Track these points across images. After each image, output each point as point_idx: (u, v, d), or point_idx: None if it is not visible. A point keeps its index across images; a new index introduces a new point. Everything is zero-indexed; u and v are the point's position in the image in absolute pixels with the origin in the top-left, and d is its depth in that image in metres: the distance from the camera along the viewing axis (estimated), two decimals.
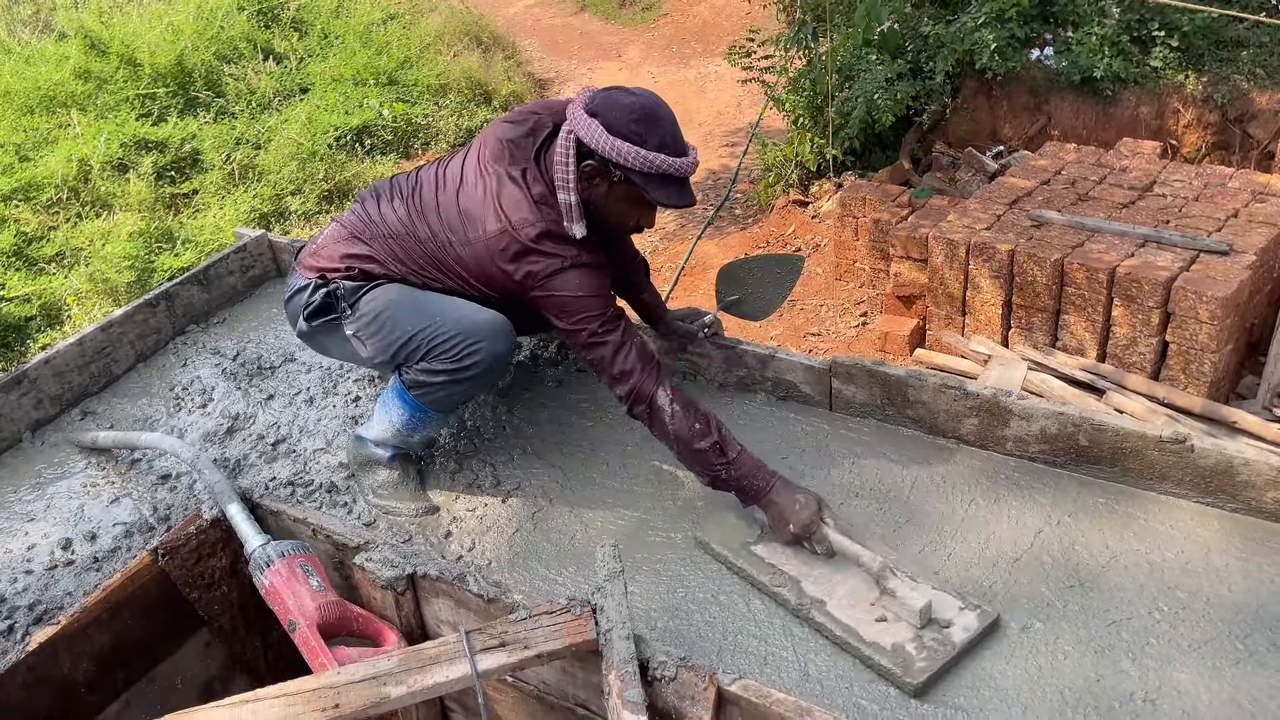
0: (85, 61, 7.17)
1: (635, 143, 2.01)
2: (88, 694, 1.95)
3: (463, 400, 2.25)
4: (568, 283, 2.09)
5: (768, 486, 2.05)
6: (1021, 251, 4.36)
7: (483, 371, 2.13)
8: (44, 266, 5.77)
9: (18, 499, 2.38)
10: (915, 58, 5.98)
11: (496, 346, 2.13)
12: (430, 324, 2.14)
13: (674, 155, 2.03)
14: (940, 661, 1.81)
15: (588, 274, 2.11)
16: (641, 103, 2.05)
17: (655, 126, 2.03)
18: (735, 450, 2.07)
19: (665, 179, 2.05)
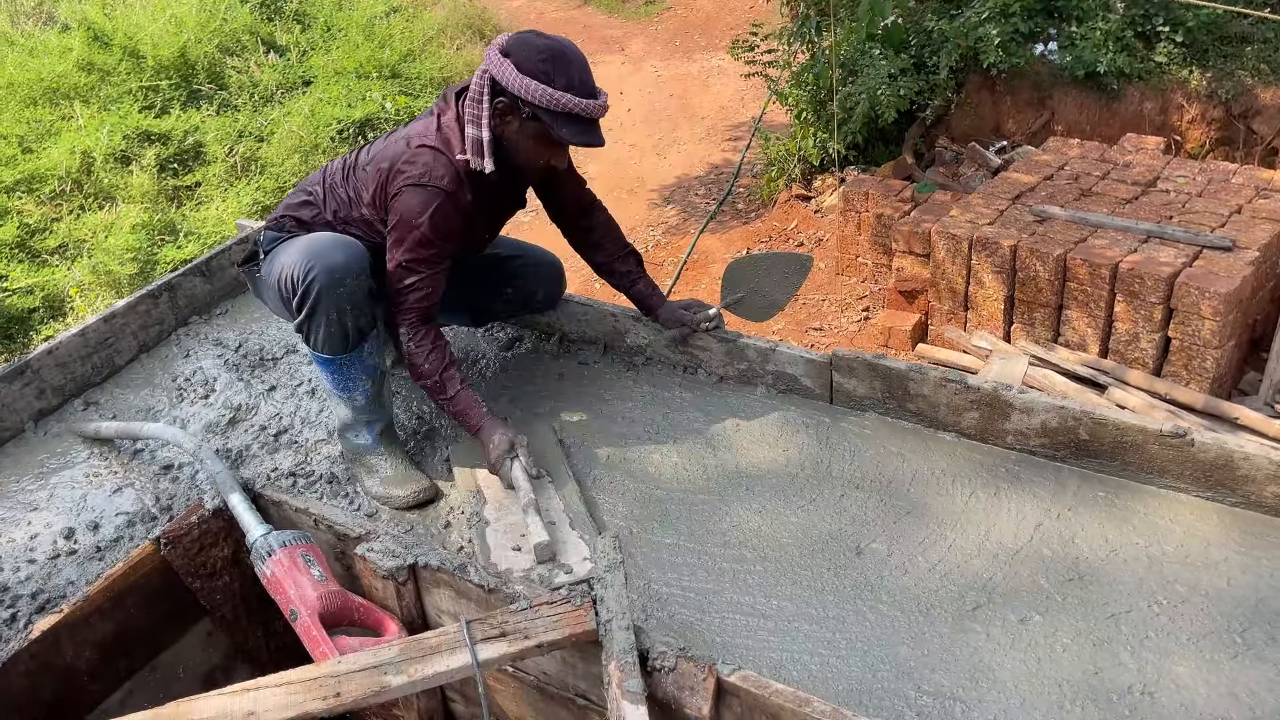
0: (88, 53, 7.17)
1: (543, 81, 2.10)
2: (90, 682, 1.96)
3: (340, 333, 2.20)
4: (424, 197, 2.18)
5: (478, 425, 2.29)
6: (1024, 247, 4.36)
7: (322, 287, 2.15)
8: (47, 258, 5.76)
9: (20, 489, 2.39)
10: (919, 52, 5.97)
11: (329, 259, 2.16)
12: (286, 259, 2.22)
13: (581, 96, 2.12)
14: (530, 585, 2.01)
15: (447, 205, 2.20)
16: (550, 44, 2.14)
17: (563, 67, 2.12)
18: (454, 389, 2.29)
19: (571, 118, 2.13)
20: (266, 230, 2.40)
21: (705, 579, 2.07)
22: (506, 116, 2.18)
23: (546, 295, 2.72)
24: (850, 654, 1.88)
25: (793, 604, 1.99)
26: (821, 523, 2.18)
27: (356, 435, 2.33)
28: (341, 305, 2.17)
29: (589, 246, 2.61)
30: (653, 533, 2.19)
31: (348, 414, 2.32)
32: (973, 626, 1.91)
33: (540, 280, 2.69)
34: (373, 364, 2.29)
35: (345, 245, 2.20)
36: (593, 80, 2.18)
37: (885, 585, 2.01)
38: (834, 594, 2.00)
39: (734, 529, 2.18)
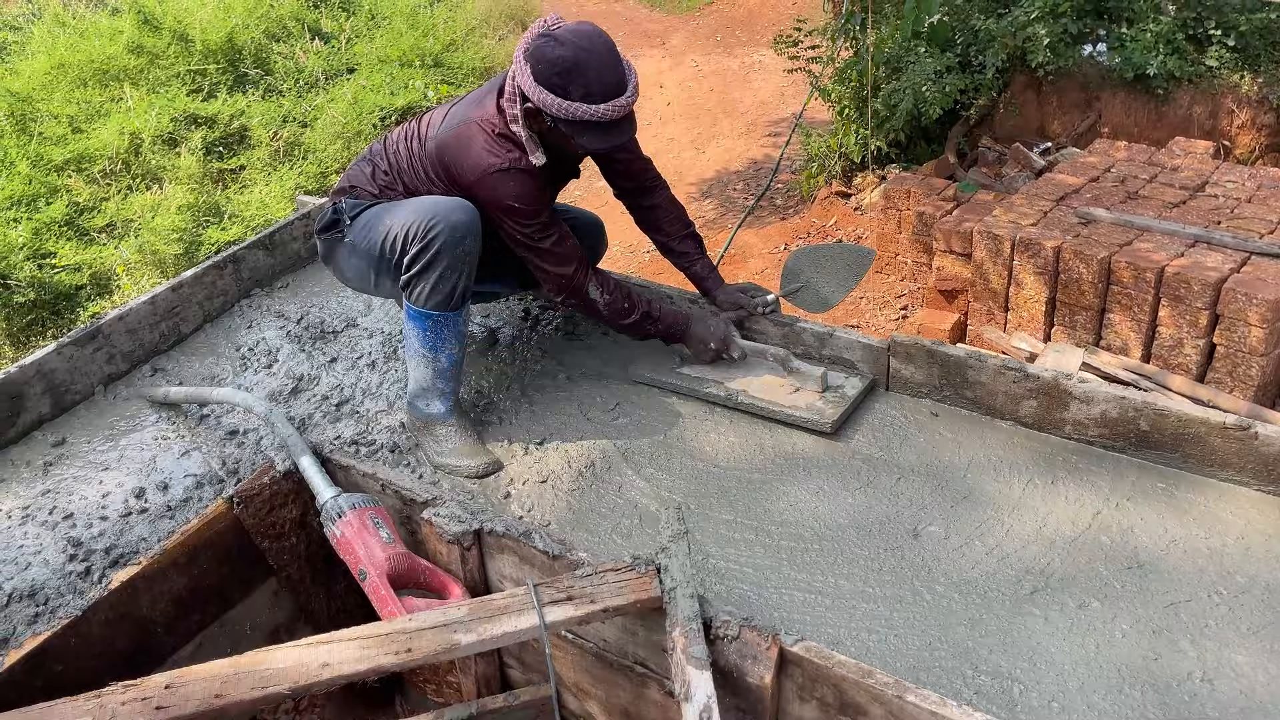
0: (138, 37, 7.27)
1: (559, 95, 2.15)
2: (164, 634, 2.01)
3: (450, 288, 2.29)
4: (507, 181, 2.28)
5: (686, 324, 2.53)
6: (1068, 248, 4.35)
7: (446, 243, 2.24)
8: (94, 236, 5.86)
9: (91, 449, 2.45)
10: (965, 51, 5.96)
11: (453, 217, 2.25)
12: (402, 217, 2.30)
13: (599, 101, 2.15)
14: (843, 408, 2.39)
15: (526, 180, 2.30)
16: (564, 55, 2.15)
17: (579, 76, 2.15)
18: (657, 310, 2.51)
19: (590, 125, 2.18)
20: (345, 199, 2.46)
21: (763, 556, 2.09)
22: (537, 118, 2.25)
23: (588, 248, 2.73)
24: (908, 633, 1.90)
25: (850, 583, 2.02)
26: (878, 505, 2.20)
27: (428, 404, 2.38)
28: (459, 262, 2.26)
29: (650, 225, 2.65)
30: (711, 510, 2.22)
31: (427, 376, 2.36)
32: (1030, 610, 1.93)
33: (581, 232, 2.71)
34: (464, 331, 2.38)
35: (464, 206, 2.29)
36: (616, 74, 2.18)
37: (942, 567, 2.03)
38: (891, 574, 2.03)
39: (791, 508, 2.21)
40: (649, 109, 7.91)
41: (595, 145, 2.22)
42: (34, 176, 5.92)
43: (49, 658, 1.80)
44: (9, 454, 2.43)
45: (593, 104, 2.14)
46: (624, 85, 2.19)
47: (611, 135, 2.21)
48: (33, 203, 5.80)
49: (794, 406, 2.39)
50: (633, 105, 2.21)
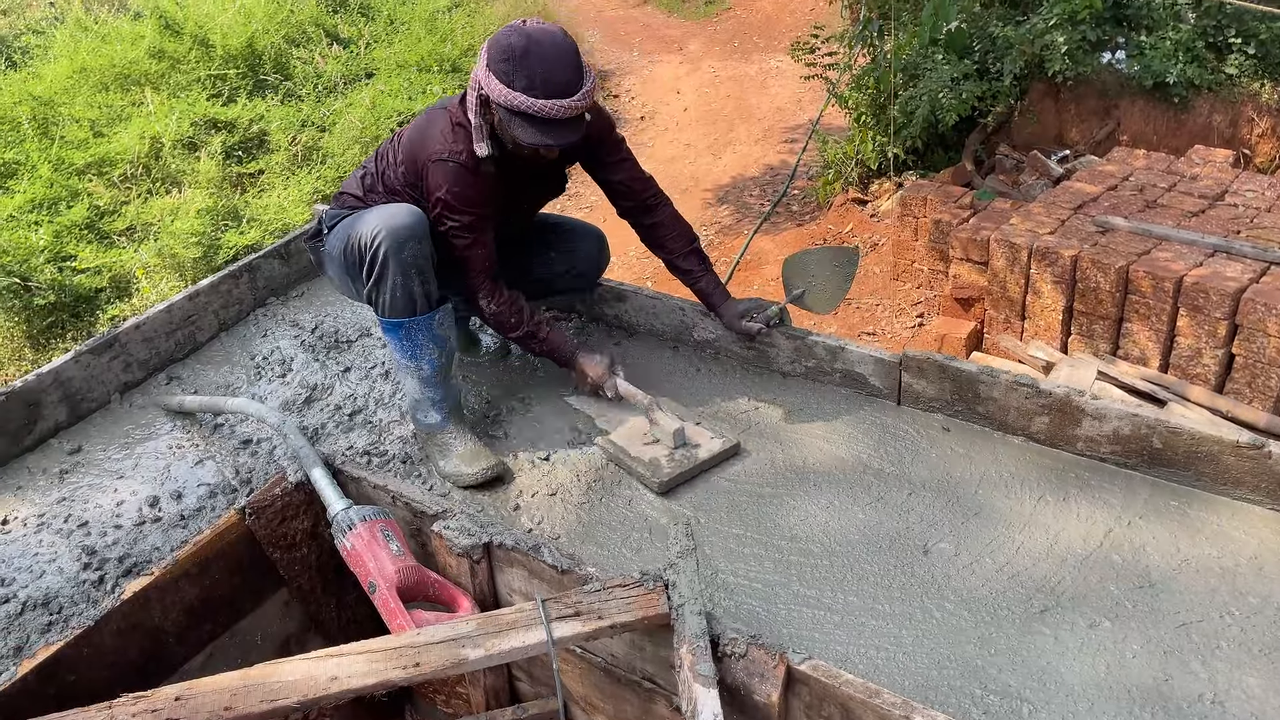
0: (160, 41, 7.33)
1: (502, 81, 2.16)
2: (175, 644, 2.03)
3: (406, 295, 2.28)
4: (447, 171, 2.30)
5: (572, 354, 2.52)
6: (1085, 257, 4.32)
7: (388, 250, 2.24)
8: (115, 240, 5.91)
9: (107, 457, 2.47)
10: (982, 58, 5.94)
11: (393, 223, 2.25)
12: (355, 229, 2.32)
13: (540, 96, 2.14)
14: (682, 469, 2.32)
15: (466, 176, 2.31)
16: (518, 42, 2.16)
17: (522, 66, 2.14)
18: (545, 333, 2.50)
19: (526, 118, 2.17)
20: (329, 208, 2.51)
21: (772, 571, 2.09)
22: (488, 108, 2.26)
23: (587, 257, 2.75)
24: (917, 650, 1.89)
25: (859, 599, 2.01)
26: (888, 521, 2.19)
27: (425, 415, 2.39)
28: (406, 267, 2.26)
29: (654, 243, 2.64)
30: (721, 524, 2.22)
31: (416, 387, 2.37)
32: (1040, 629, 1.91)
33: (581, 242, 2.74)
34: (441, 335, 2.36)
35: (409, 210, 2.29)
36: (565, 75, 2.16)
37: (952, 585, 2.02)
38: (900, 591, 2.02)
39: (801, 523, 2.20)
40: (665, 114, 7.92)
41: (525, 139, 2.18)
42: (55, 180, 5.98)
43: (61, 667, 1.81)
44: (25, 461, 2.46)
45: (532, 96, 2.13)
46: (571, 88, 2.17)
47: (545, 132, 2.18)
48: (54, 206, 5.86)
49: (636, 459, 2.35)
50: (578, 112, 2.18)
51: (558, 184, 2.62)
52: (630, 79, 8.49)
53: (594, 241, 2.78)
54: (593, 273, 2.81)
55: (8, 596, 2.05)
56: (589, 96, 2.20)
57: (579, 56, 2.21)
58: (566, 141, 2.20)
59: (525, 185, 2.51)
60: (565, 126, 2.19)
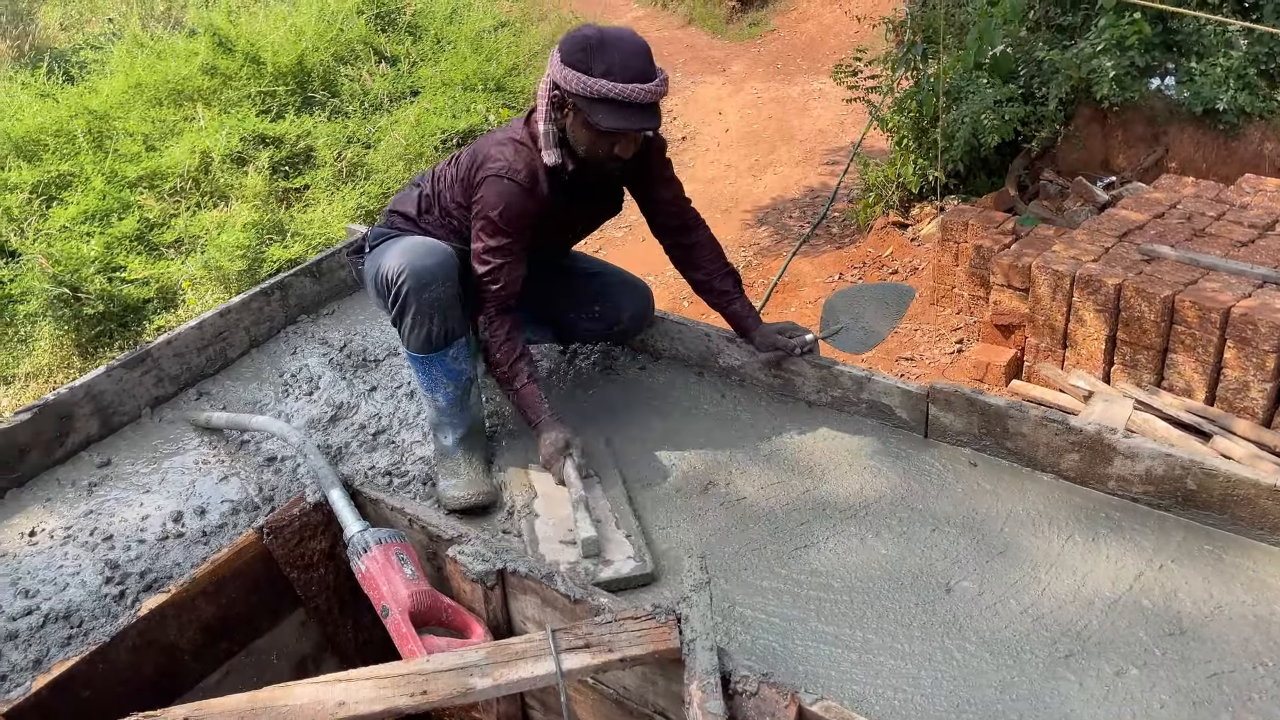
0: (213, 58, 7.49)
1: (580, 70, 2.15)
2: (191, 662, 2.04)
3: (425, 334, 2.29)
4: (499, 189, 2.28)
5: (537, 420, 2.38)
6: (1130, 285, 4.23)
7: (410, 290, 2.25)
8: (163, 251, 6.03)
9: (135, 471, 2.51)
10: (1028, 83, 5.86)
11: (418, 264, 2.25)
12: (386, 261, 2.32)
13: (620, 80, 2.13)
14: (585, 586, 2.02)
15: (516, 195, 2.28)
16: (595, 33, 2.17)
17: (602, 53, 2.14)
18: (521, 382, 2.38)
19: (608, 103, 2.15)
20: (376, 226, 2.52)
21: (790, 605, 2.05)
22: (563, 109, 2.25)
23: (633, 317, 2.72)
24: (935, 692, 1.85)
25: (878, 637, 1.97)
26: (910, 557, 2.14)
27: (443, 436, 2.41)
28: (427, 309, 2.26)
29: (688, 264, 2.63)
30: (740, 556, 2.19)
31: (433, 414, 2.41)
32: (1065, 675, 1.86)
33: (628, 300, 2.70)
34: (457, 369, 2.36)
35: (435, 251, 2.29)
36: (643, 63, 2.17)
37: (974, 625, 1.97)
38: (921, 630, 1.97)
39: (820, 557, 2.17)
40: (707, 135, 7.92)
41: (608, 123, 2.16)
42: (108, 192, 6.12)
43: (77, 683, 1.83)
44: (56, 473, 2.50)
45: (613, 80, 2.13)
46: (651, 73, 2.17)
47: (629, 116, 2.17)
48: (106, 218, 6.00)
49: (540, 555, 2.17)
50: (657, 98, 2.18)
51: (614, 202, 2.60)
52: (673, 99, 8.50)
53: (642, 298, 2.74)
54: (636, 329, 2.78)
55: (30, 608, 2.08)
56: (665, 85, 2.22)
57: (650, 50, 2.23)
58: (648, 126, 2.21)
59: (584, 202, 2.49)
60: (646, 112, 2.20)
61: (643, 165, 2.50)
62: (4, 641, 2.01)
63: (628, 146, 2.29)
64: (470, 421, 2.42)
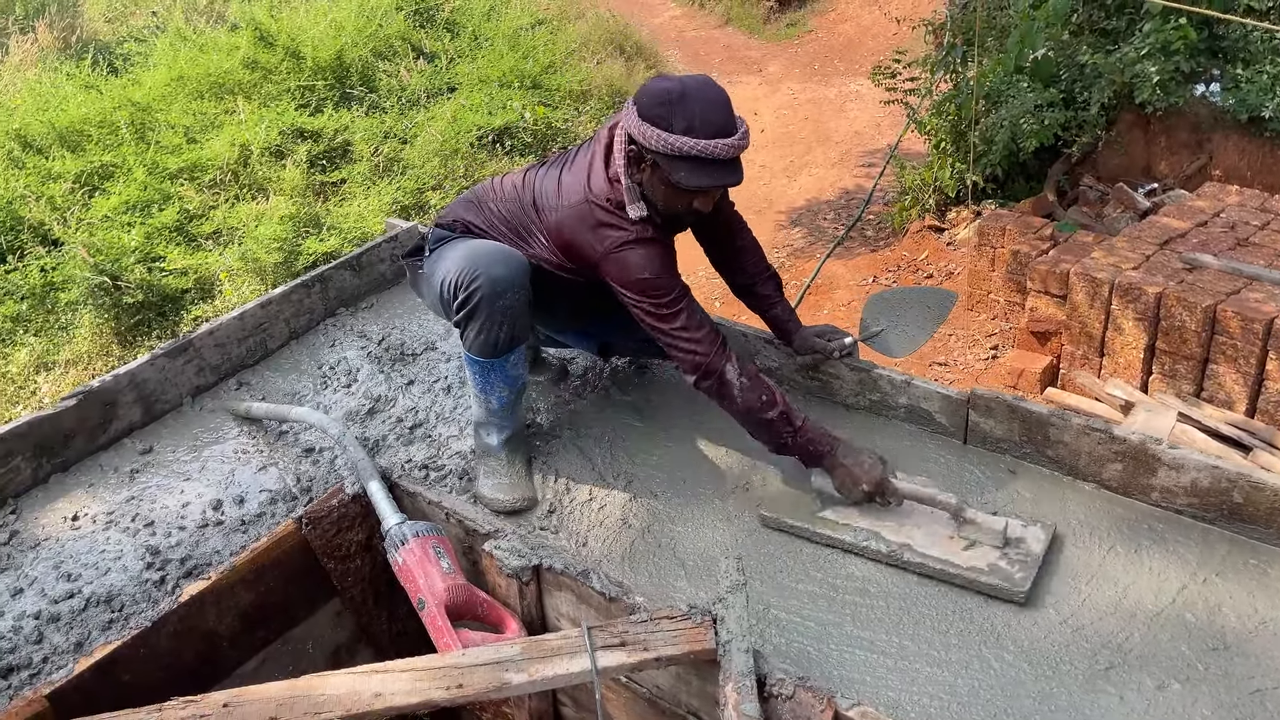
0: (254, 52, 7.57)
1: (660, 126, 2.07)
2: (229, 649, 2.06)
3: (492, 340, 2.24)
4: (634, 256, 2.17)
5: (832, 449, 2.20)
6: (1171, 294, 4.18)
7: (485, 297, 2.19)
8: (201, 242, 6.10)
9: (176, 459, 2.54)
10: (1069, 87, 5.79)
11: (494, 271, 2.19)
12: (455, 262, 2.26)
13: (702, 136, 2.05)
14: (1034, 569, 2.03)
15: (653, 250, 2.19)
16: (671, 86, 2.10)
17: (681, 109, 2.06)
18: (800, 419, 2.21)
19: (691, 160, 2.07)
20: (436, 227, 2.47)
21: (826, 610, 2.04)
22: (640, 165, 2.17)
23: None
24: (972, 701, 1.83)
25: (914, 644, 1.95)
26: None
27: (487, 434, 2.40)
28: (499, 316, 2.22)
29: (730, 267, 2.61)
30: (776, 559, 2.18)
31: (482, 413, 2.39)
32: (1105, 688, 1.83)
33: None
34: (515, 375, 2.34)
35: (509, 258, 2.24)
36: (724, 117, 2.09)
37: (1012, 634, 1.95)
38: (959, 638, 1.95)
39: (856, 562, 2.15)
40: None
41: (690, 182, 2.09)
42: (149, 183, 6.20)
43: (118, 666, 1.86)
44: (99, 459, 2.53)
45: (694, 137, 2.05)
46: (732, 127, 2.09)
47: (712, 173, 2.09)
48: (147, 208, 6.07)
49: (973, 567, 2.04)
50: (739, 152, 2.10)
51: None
52: None
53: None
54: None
55: (73, 592, 2.11)
56: (747, 138, 2.12)
57: (729, 100, 2.15)
58: (732, 183, 2.13)
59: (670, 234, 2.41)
60: (729, 167, 2.11)
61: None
62: (46, 623, 2.04)
63: (708, 201, 2.22)
64: (516, 424, 2.41)
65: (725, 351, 2.21)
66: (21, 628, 2.03)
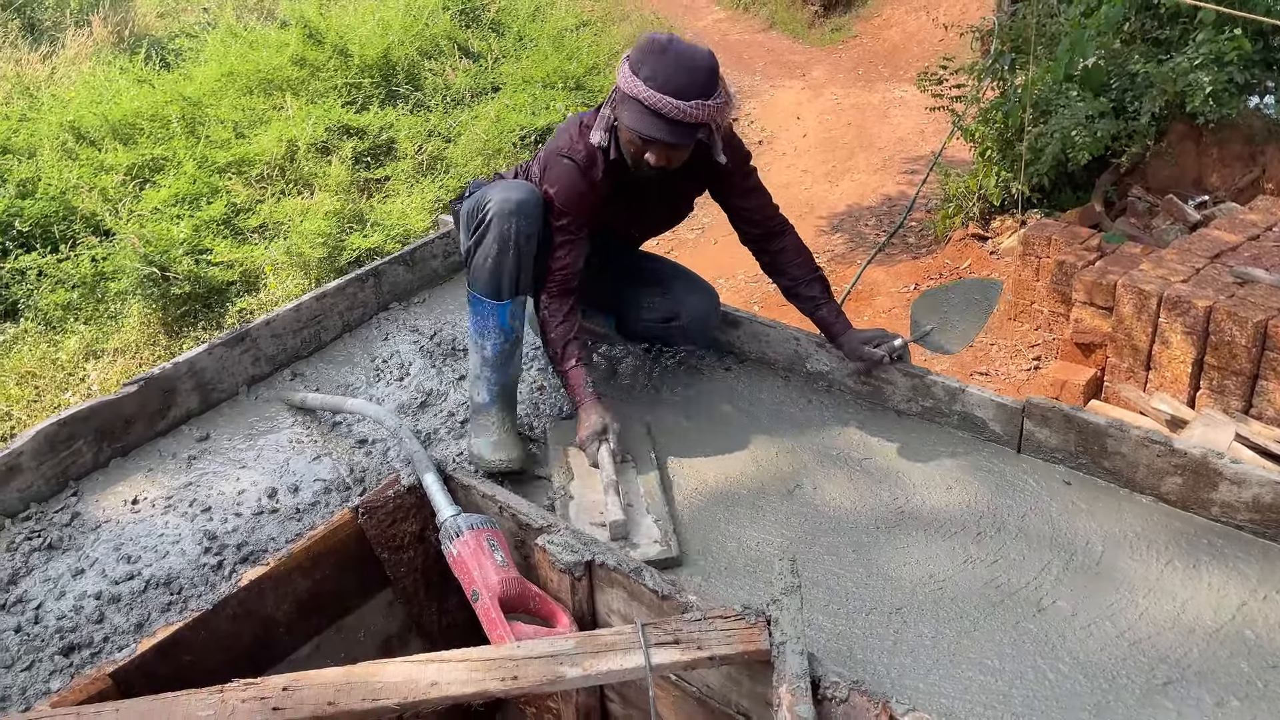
0: (302, 50, 7.67)
1: (631, 67, 2.22)
2: (285, 635, 2.09)
3: (497, 269, 2.35)
4: (560, 169, 2.38)
5: (580, 401, 2.44)
6: (1221, 308, 4.12)
7: (496, 213, 2.32)
8: (248, 236, 6.19)
9: (232, 446, 2.57)
10: (1119, 96, 5.72)
11: (509, 193, 2.34)
12: (482, 191, 2.44)
13: (657, 89, 2.17)
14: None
15: (578, 180, 2.36)
16: (661, 40, 2.22)
17: (655, 60, 2.18)
18: (570, 363, 2.45)
19: (640, 106, 2.20)
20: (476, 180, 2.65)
21: (874, 615, 2.04)
22: (616, 102, 2.30)
23: (694, 319, 2.69)
24: (1027, 712, 1.82)
25: (965, 652, 1.94)
26: (1001, 574, 2.11)
27: (477, 392, 2.46)
28: (504, 238, 2.32)
29: (774, 269, 2.63)
30: (822, 562, 2.17)
31: (476, 363, 2.45)
32: (1163, 703, 1.81)
33: (692, 298, 2.68)
34: (510, 326, 2.42)
35: (525, 188, 2.38)
36: (690, 80, 2.18)
37: (1068, 646, 1.93)
38: (1012, 648, 1.94)
39: (906, 567, 2.14)
40: (784, 139, 7.88)
41: (627, 122, 2.22)
42: (199, 177, 6.30)
43: (179, 648, 1.89)
44: (158, 445, 2.58)
45: (648, 86, 2.18)
46: (688, 93, 2.18)
47: (646, 122, 2.20)
48: (195, 201, 6.17)
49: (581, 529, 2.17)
50: (688, 118, 2.19)
51: (676, 205, 2.61)
52: (751, 103, 8.48)
53: (706, 300, 2.72)
54: (698, 329, 2.73)
55: (133, 574, 2.14)
56: (705, 109, 2.21)
57: (714, 75, 2.24)
58: (663, 139, 2.22)
59: (643, 199, 2.51)
60: (667, 125, 2.21)
61: (726, 179, 2.53)
62: (107, 604, 2.08)
63: (658, 155, 2.29)
64: (506, 380, 2.47)
65: (554, 292, 2.43)
66: (83, 607, 2.07)
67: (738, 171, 2.52)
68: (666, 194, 2.56)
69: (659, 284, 2.71)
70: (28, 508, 2.36)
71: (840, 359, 2.60)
